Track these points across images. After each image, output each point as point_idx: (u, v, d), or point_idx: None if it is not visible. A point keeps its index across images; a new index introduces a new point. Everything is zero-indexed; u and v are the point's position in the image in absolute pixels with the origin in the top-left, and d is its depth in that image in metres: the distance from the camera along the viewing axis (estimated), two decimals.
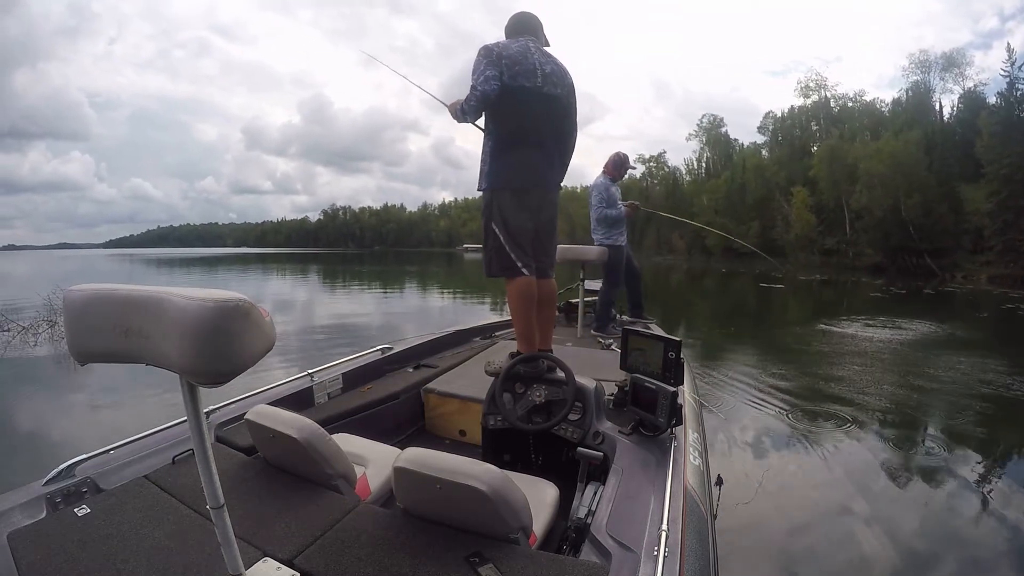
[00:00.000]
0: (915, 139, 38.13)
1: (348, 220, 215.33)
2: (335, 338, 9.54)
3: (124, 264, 55.29)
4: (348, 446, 2.09)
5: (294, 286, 24.45)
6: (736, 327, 10.96)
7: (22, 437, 4.90)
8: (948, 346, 8.97)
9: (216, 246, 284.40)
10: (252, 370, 1.01)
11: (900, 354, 8.34)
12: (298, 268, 40.72)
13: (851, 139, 47.40)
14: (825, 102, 55.99)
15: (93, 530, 1.48)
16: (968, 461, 4.21)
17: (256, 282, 26.90)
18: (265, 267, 43.93)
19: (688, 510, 1.63)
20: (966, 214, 34.54)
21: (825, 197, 45.03)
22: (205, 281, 28.11)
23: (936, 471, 3.99)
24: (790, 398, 5.82)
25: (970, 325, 12.89)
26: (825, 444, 4.49)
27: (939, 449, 4.43)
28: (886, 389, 6.13)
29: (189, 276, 34.52)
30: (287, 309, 14.99)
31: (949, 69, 45.37)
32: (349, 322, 12.24)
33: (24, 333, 9.44)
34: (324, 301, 18.03)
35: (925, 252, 34.94)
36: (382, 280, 27.68)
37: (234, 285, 24.06)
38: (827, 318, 12.11)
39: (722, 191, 58.82)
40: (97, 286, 1.02)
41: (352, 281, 27.39)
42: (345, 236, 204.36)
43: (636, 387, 2.24)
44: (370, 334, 9.97)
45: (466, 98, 2.58)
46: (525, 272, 2.70)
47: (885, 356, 8.15)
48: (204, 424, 1.08)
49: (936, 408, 5.53)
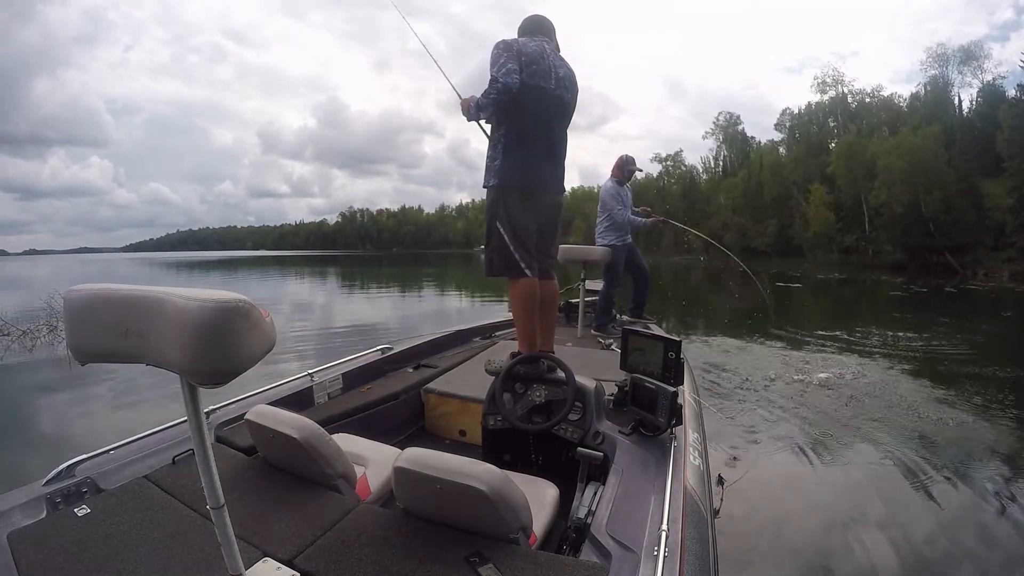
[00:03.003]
0: (934, 134, 37.35)
1: (366, 222, 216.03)
2: (356, 340, 9.47)
3: (144, 267, 55.96)
4: (348, 446, 2.09)
5: (313, 288, 24.62)
6: (747, 328, 10.82)
7: (22, 437, 4.96)
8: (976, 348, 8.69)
9: (235, 249, 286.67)
10: (259, 369, 1.01)
11: (918, 353, 8.16)
12: (317, 271, 40.93)
13: (869, 135, 46.81)
14: (842, 98, 55.34)
15: (93, 530, 1.49)
16: (987, 469, 4.08)
17: (274, 285, 27.13)
18: (284, 270, 44.30)
19: (688, 510, 1.63)
20: (987, 210, 33.92)
21: (843, 194, 44.48)
22: (225, 283, 28.39)
23: (950, 478, 3.85)
24: (791, 398, 5.77)
25: (997, 324, 12.62)
26: (828, 444, 4.45)
27: (955, 456, 4.26)
28: (898, 392, 5.98)
29: (208, 278, 34.88)
30: (306, 311, 15.17)
31: (967, 62, 44.64)
32: (368, 324, 12.29)
33: (23, 337, 9.48)
34: (342, 303, 18.17)
35: (946, 249, 34.35)
36: (401, 282, 27.80)
37: (253, 288, 24.38)
38: (844, 320, 11.97)
39: (739, 189, 58.18)
40: (97, 286, 1.02)
41: (371, 283, 27.54)
42: (363, 238, 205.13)
43: (636, 387, 2.24)
44: (390, 337, 9.98)
45: (484, 92, 2.55)
46: (528, 273, 2.70)
47: (898, 356, 7.97)
48: (204, 424, 1.08)
49: (954, 412, 5.36)
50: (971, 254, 33.48)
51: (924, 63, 47.26)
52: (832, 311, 15.97)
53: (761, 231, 52.42)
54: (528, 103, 2.60)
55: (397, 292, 21.61)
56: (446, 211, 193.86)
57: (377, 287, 24.67)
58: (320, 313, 15.09)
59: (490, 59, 2.59)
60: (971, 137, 38.94)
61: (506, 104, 2.56)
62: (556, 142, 2.79)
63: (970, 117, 42.91)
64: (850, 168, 42.77)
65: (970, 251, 33.67)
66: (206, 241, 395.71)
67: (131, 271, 48.08)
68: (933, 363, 7.24)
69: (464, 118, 2.75)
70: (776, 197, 52.61)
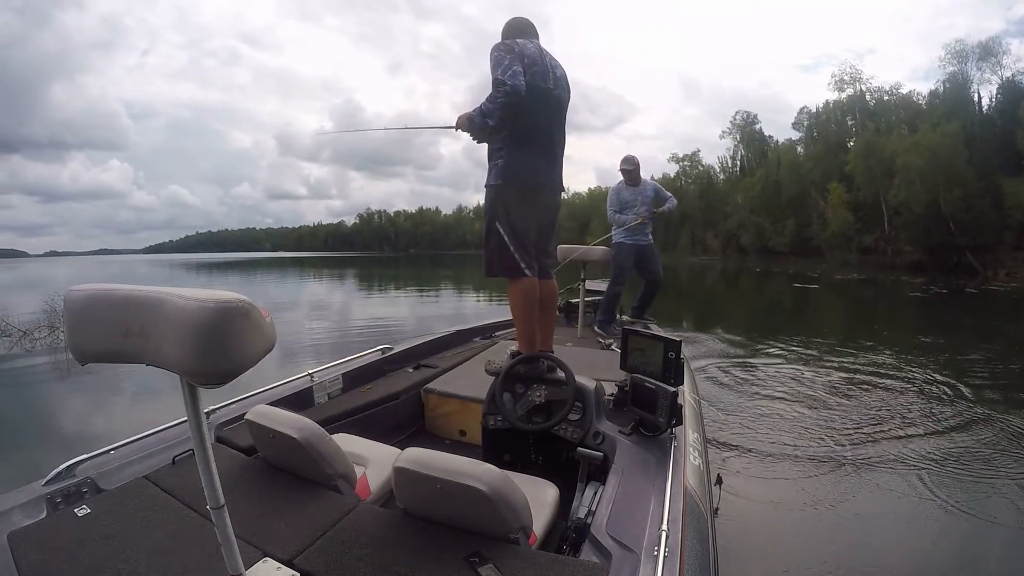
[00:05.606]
0: (954, 131, 36.52)
1: (383, 224, 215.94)
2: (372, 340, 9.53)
3: (163, 269, 56.51)
4: (348, 446, 2.10)
5: (330, 289, 24.83)
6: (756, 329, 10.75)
7: (22, 437, 5.00)
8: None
9: (254, 251, 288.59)
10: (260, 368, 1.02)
11: (934, 358, 7.92)
12: (335, 272, 41.18)
13: (888, 133, 46.09)
14: (860, 96, 54.42)
15: (93, 530, 1.50)
16: (992, 468, 4.03)
17: (292, 286, 27.43)
18: (302, 271, 44.62)
19: (688, 510, 1.63)
20: (1008, 208, 33.15)
21: (862, 193, 43.74)
22: (243, 285, 28.65)
23: (957, 482, 3.79)
24: (793, 399, 5.74)
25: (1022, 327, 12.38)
26: (829, 445, 4.42)
27: (964, 462, 4.14)
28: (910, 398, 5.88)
29: (227, 279, 35.21)
30: (324, 310, 15.36)
31: (985, 59, 43.50)
32: (386, 323, 12.37)
33: (24, 338, 9.59)
34: (360, 303, 18.35)
35: (966, 249, 33.63)
36: (417, 282, 27.88)
37: (271, 289, 24.65)
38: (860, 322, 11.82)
39: (756, 189, 57.50)
40: (98, 286, 1.02)
41: (388, 284, 27.71)
42: (381, 239, 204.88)
43: (636, 387, 2.24)
44: (404, 338, 9.99)
45: (490, 96, 2.51)
46: (528, 273, 2.70)
47: (915, 361, 7.74)
48: (204, 424, 1.08)
49: (963, 415, 5.28)
50: (992, 254, 32.77)
51: (942, 60, 46.26)
52: (848, 313, 15.82)
53: (779, 231, 51.79)
54: (530, 103, 2.58)
55: (415, 293, 21.70)
56: (463, 212, 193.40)
57: (395, 288, 24.83)
58: (337, 313, 15.27)
59: (491, 62, 2.55)
60: (991, 134, 38.08)
61: (513, 106, 2.52)
62: (555, 142, 2.79)
63: (990, 114, 41.92)
64: (869, 167, 42.06)
65: (991, 251, 32.97)
66: (225, 243, 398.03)
67: (151, 272, 48.59)
68: (953, 369, 7.07)
69: (466, 135, 2.69)
70: (794, 197, 51.91)
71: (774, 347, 8.69)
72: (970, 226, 33.99)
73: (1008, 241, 32.92)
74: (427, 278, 31.71)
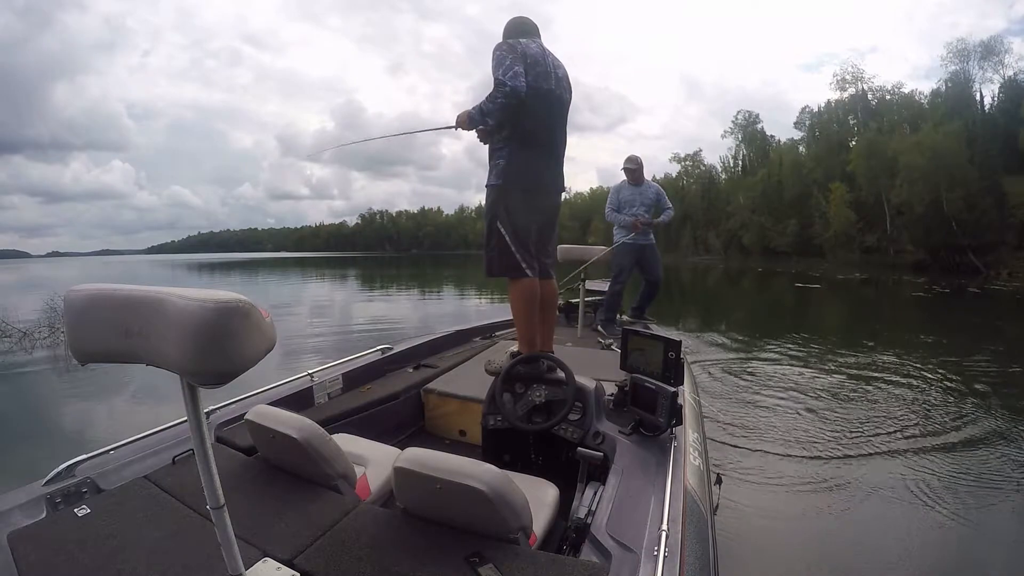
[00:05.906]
0: (956, 131, 36.48)
1: (385, 224, 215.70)
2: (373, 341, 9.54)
3: (166, 269, 56.56)
4: (348, 446, 2.10)
5: (332, 289, 24.80)
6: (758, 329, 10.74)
7: (22, 437, 5.01)
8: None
9: (256, 251, 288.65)
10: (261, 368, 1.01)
11: (936, 358, 7.89)
12: (337, 272, 41.15)
13: (890, 132, 45.99)
14: (862, 95, 54.43)
15: (93, 530, 1.50)
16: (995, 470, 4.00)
17: (294, 286, 27.38)
18: (304, 271, 44.61)
19: (688, 510, 1.62)
20: (1010, 208, 33.10)
21: (864, 193, 43.74)
22: (245, 285, 28.70)
23: (958, 485, 3.76)
24: (794, 399, 5.73)
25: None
26: (830, 446, 4.41)
27: (967, 466, 4.07)
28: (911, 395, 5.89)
29: (229, 279, 35.25)
30: (325, 310, 15.37)
31: (987, 57, 43.39)
32: (386, 324, 12.36)
33: (24, 339, 9.58)
34: (361, 303, 18.32)
35: (968, 248, 33.56)
36: (420, 282, 27.90)
37: (273, 289, 24.66)
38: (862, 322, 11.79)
39: (758, 189, 57.53)
40: (98, 286, 1.00)
41: (389, 284, 27.65)
42: (382, 239, 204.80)
43: (636, 387, 2.24)
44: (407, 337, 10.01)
45: (490, 96, 2.51)
46: (529, 273, 2.70)
47: (915, 361, 7.71)
48: (204, 424, 1.06)
49: (962, 415, 5.25)
50: (994, 253, 32.69)
51: (944, 59, 46.19)
52: (850, 313, 15.79)
53: (781, 231, 51.85)
54: (533, 104, 2.58)
55: (416, 293, 21.73)
56: (465, 212, 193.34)
57: (396, 288, 24.78)
58: (337, 313, 15.27)
59: (493, 61, 2.55)
60: (993, 134, 37.95)
61: (513, 107, 2.52)
62: (557, 142, 2.79)
63: (992, 113, 41.84)
64: (871, 166, 42.00)
65: (993, 250, 32.91)
66: (227, 243, 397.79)
67: (153, 273, 48.59)
68: (955, 370, 7.05)
69: (468, 134, 2.74)
70: (796, 196, 51.97)
71: (775, 347, 8.68)
72: (972, 226, 33.93)
73: (1010, 241, 32.83)
74: (428, 278, 31.72)
